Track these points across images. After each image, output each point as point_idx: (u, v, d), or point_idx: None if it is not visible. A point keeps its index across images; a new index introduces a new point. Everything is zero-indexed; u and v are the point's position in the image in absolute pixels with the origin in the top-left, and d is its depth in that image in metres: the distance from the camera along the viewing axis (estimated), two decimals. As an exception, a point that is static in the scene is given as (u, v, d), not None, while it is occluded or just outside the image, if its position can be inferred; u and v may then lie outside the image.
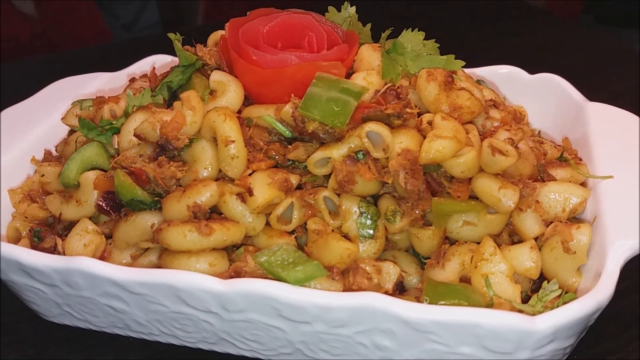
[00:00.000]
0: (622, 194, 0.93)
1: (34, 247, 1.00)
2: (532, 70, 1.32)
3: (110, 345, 1.03)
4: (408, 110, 0.91)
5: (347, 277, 0.86)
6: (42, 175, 1.05)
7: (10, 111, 1.23)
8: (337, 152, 0.89)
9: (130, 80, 1.25)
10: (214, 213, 0.91)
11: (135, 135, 0.93)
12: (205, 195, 0.87)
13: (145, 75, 1.30)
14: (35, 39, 2.97)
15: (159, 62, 1.45)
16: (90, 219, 0.98)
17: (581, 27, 2.26)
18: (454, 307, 0.76)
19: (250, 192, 0.87)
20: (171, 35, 1.06)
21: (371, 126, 0.88)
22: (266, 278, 0.85)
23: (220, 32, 1.11)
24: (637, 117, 1.09)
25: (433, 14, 2.36)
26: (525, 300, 0.88)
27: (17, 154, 1.14)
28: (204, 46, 1.14)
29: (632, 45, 3.43)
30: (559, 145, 1.07)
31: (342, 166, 0.88)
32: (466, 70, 1.33)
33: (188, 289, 0.82)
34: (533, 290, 0.92)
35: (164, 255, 0.89)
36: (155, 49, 1.46)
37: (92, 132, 1.01)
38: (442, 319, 0.75)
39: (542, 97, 1.27)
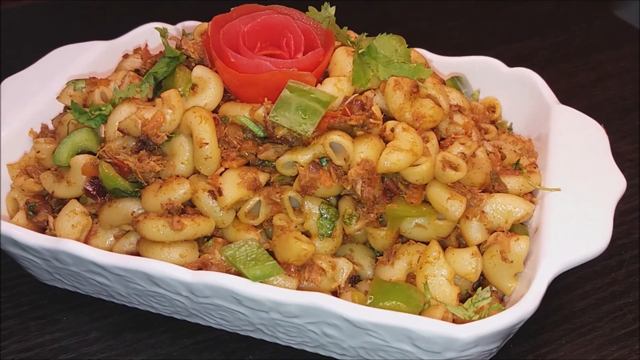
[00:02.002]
0: (566, 208, 1.00)
1: (29, 219, 1.10)
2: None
3: (95, 305, 1.15)
4: (372, 121, 0.98)
5: (303, 272, 0.96)
6: (38, 152, 1.14)
7: (9, 82, 1.30)
8: (302, 157, 0.97)
9: (123, 56, 1.31)
10: (188, 206, 1.00)
11: (119, 129, 1.00)
12: (179, 192, 0.96)
13: (138, 50, 1.36)
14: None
15: (154, 32, 1.49)
16: (78, 198, 1.08)
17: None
18: (390, 311, 0.86)
19: (220, 192, 0.95)
20: (158, 29, 1.12)
21: (334, 137, 0.95)
22: (230, 270, 0.95)
23: (206, 26, 1.16)
24: (600, 127, 1.15)
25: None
26: (464, 298, 0.98)
27: (17, 125, 1.22)
28: (190, 36, 1.20)
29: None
30: (517, 151, 1.13)
31: (305, 172, 0.96)
32: (445, 59, 1.38)
33: (160, 277, 0.92)
34: (475, 287, 1.01)
35: (141, 242, 0.99)
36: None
37: (83, 117, 1.08)
38: (378, 321, 0.85)
39: (516, 91, 1.32)
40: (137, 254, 1.03)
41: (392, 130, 1.01)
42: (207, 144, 0.97)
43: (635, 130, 1.56)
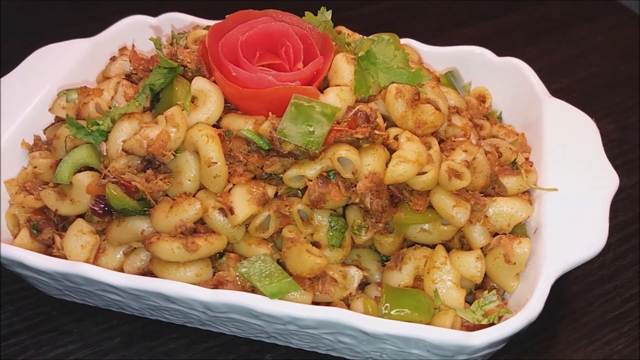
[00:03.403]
0: (563, 207, 1.04)
1: (33, 237, 1.09)
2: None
3: (105, 315, 1.16)
4: (377, 132, 0.99)
5: (316, 283, 0.99)
6: (35, 167, 1.12)
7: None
8: (310, 171, 0.98)
9: (111, 59, 1.28)
10: (199, 223, 1.01)
11: (124, 150, 1.00)
12: (190, 213, 0.97)
13: (124, 50, 1.33)
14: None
15: (137, 26, 1.47)
16: (83, 215, 1.08)
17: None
18: (406, 322, 0.90)
19: (231, 210, 0.96)
20: (152, 39, 1.09)
21: (342, 152, 0.96)
22: (245, 286, 0.98)
23: (200, 33, 1.15)
24: (592, 122, 1.18)
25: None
26: (468, 298, 1.03)
27: (8, 137, 1.20)
28: (182, 39, 1.18)
29: None
30: (513, 148, 1.16)
31: (314, 186, 0.97)
32: (434, 49, 1.39)
33: (178, 297, 0.94)
34: (477, 287, 1.06)
35: (154, 261, 1.00)
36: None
37: (80, 132, 1.07)
38: (393, 332, 0.89)
39: (506, 82, 1.34)
40: (148, 270, 1.04)
41: (396, 138, 1.03)
42: (216, 163, 0.97)
43: (616, 108, 1.61)
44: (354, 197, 0.98)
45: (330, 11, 1.11)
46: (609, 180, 1.08)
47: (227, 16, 1.09)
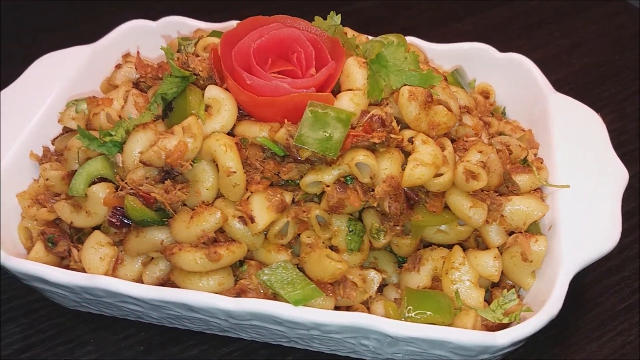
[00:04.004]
0: (576, 204, 1.06)
1: (48, 250, 1.09)
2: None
3: (121, 324, 1.16)
4: (392, 136, 1.00)
5: (337, 288, 1.00)
6: (47, 179, 1.11)
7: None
8: (328, 177, 0.99)
9: (116, 67, 1.27)
10: (217, 231, 1.01)
11: (142, 162, 0.99)
12: (211, 222, 0.97)
13: (127, 56, 1.32)
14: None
15: (137, 30, 1.45)
16: (100, 227, 1.07)
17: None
18: (430, 325, 0.91)
19: (252, 219, 0.97)
20: (163, 48, 1.09)
21: (360, 157, 0.97)
22: (267, 292, 0.98)
23: (210, 40, 1.14)
24: (598, 116, 1.20)
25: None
26: (486, 297, 1.04)
27: (17, 149, 1.18)
28: (189, 46, 1.17)
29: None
30: (522, 145, 1.18)
31: (333, 192, 0.98)
32: (437, 46, 1.40)
33: (203, 307, 0.94)
34: (493, 285, 1.08)
35: (175, 272, 1.00)
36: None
37: (93, 144, 1.06)
38: (418, 335, 0.91)
39: (509, 78, 1.35)
40: (167, 279, 1.05)
41: (410, 140, 1.03)
42: (235, 172, 0.97)
43: (613, 98, 1.63)
44: (372, 202, 0.99)
45: (339, 15, 1.11)
46: (618, 175, 1.10)
47: (237, 23, 1.09)
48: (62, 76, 1.32)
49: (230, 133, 1.05)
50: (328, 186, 0.99)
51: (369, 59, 1.08)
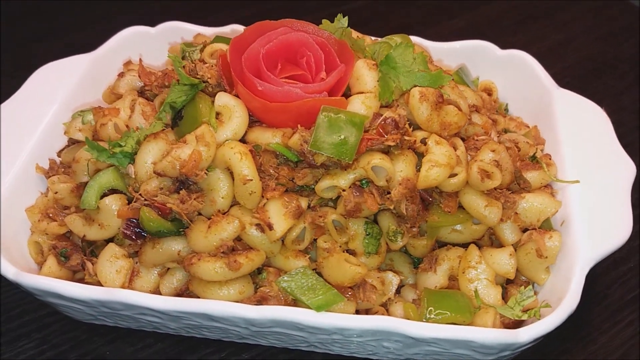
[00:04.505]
0: (586, 199, 1.07)
1: (60, 265, 1.08)
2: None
3: (136, 335, 1.16)
4: (406, 138, 1.00)
5: (357, 292, 1.00)
6: (56, 193, 1.10)
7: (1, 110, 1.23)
8: (344, 181, 0.99)
9: (119, 75, 1.26)
10: (234, 239, 1.01)
11: (156, 172, 0.99)
12: (229, 231, 0.97)
13: (129, 64, 1.31)
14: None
15: (135, 37, 1.44)
16: (113, 239, 1.06)
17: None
18: (452, 326, 0.92)
19: (270, 226, 0.97)
20: (171, 56, 1.08)
21: (376, 161, 0.97)
22: (288, 299, 0.98)
23: (217, 46, 1.13)
24: (602, 111, 1.21)
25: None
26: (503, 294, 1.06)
27: (22, 161, 1.17)
28: (194, 52, 1.17)
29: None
30: (530, 142, 1.19)
31: (350, 196, 0.98)
32: (439, 44, 1.41)
33: (225, 316, 0.94)
34: (507, 282, 1.09)
35: (194, 282, 1.00)
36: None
37: (103, 155, 1.05)
38: (442, 335, 0.91)
39: (511, 74, 1.36)
40: (185, 289, 1.04)
41: (423, 142, 1.04)
42: (251, 180, 0.97)
43: (609, 91, 1.66)
44: (389, 204, 1.00)
45: (346, 18, 1.11)
46: (626, 168, 1.11)
47: (235, 27, 1.08)
48: (62, 86, 1.30)
49: (242, 140, 1.05)
50: (344, 190, 0.99)
51: (378, 61, 1.08)
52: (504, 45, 1.40)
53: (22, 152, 1.18)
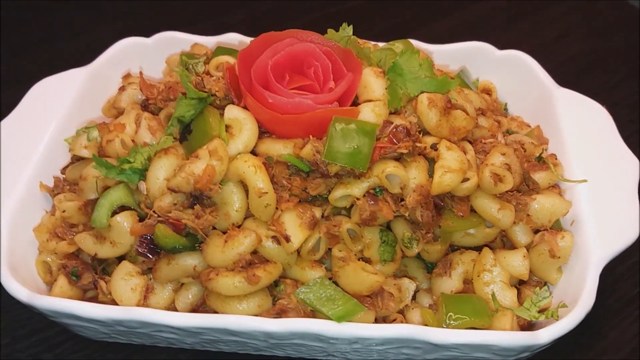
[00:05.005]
0: (595, 197, 1.09)
1: (72, 284, 1.06)
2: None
3: (149, 351, 1.14)
4: (418, 144, 1.01)
5: (375, 300, 1.00)
6: (64, 211, 1.09)
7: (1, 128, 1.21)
8: (358, 190, 0.99)
9: (120, 89, 1.25)
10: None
11: (170, 188, 0.98)
12: (246, 245, 0.96)
13: (128, 77, 1.30)
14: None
15: (131, 49, 1.42)
16: (125, 256, 1.05)
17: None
18: (473, 330, 0.93)
19: (287, 238, 0.96)
20: (177, 71, 1.07)
21: (390, 169, 0.98)
22: (307, 311, 0.98)
23: (222, 59, 1.12)
24: (604, 109, 1.23)
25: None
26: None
27: (26, 180, 1.15)
28: (198, 64, 1.16)
29: None
30: (534, 142, 1.20)
31: (365, 205, 0.98)
32: (436, 47, 1.41)
33: (245, 331, 0.94)
34: (520, 283, 1.10)
35: (212, 297, 0.99)
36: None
37: (112, 172, 1.04)
38: (464, 341, 0.92)
39: (510, 74, 1.37)
40: (201, 304, 1.04)
41: (433, 147, 1.04)
42: (267, 192, 0.96)
43: (602, 87, 1.68)
44: (404, 211, 1.00)
45: (351, 26, 1.11)
46: (631, 165, 1.13)
47: (250, 41, 1.08)
48: (61, 102, 1.28)
49: (252, 152, 1.04)
50: (358, 199, 0.99)
51: (385, 68, 1.08)
52: (496, 44, 1.41)
53: (25, 171, 1.16)
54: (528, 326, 1.05)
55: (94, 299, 1.07)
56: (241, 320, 0.93)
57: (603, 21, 1.88)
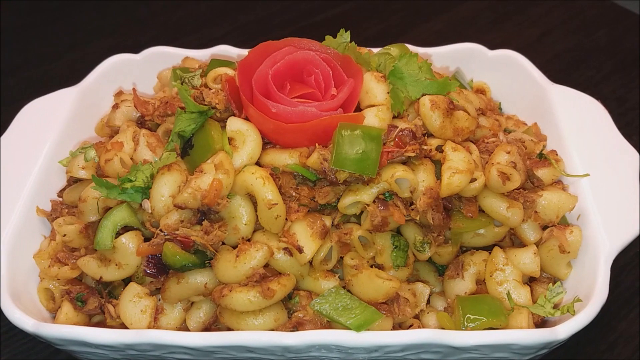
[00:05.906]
0: (598, 191, 1.09)
1: (77, 310, 1.03)
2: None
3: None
4: (424, 147, 1.00)
5: (391, 306, 0.99)
6: (64, 235, 1.06)
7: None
8: (367, 196, 0.98)
9: (113, 107, 1.22)
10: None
11: (177, 205, 0.96)
12: (258, 259, 0.95)
13: (120, 94, 1.27)
14: None
15: (120, 65, 1.40)
16: (132, 278, 1.03)
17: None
18: (494, 331, 0.92)
19: (299, 249, 0.95)
20: (177, 85, 1.05)
21: (399, 173, 0.97)
22: (323, 322, 0.97)
23: (221, 70, 1.11)
24: (599, 104, 1.24)
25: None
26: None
27: (22, 205, 1.12)
28: (194, 77, 1.14)
29: None
30: (534, 139, 1.21)
31: (376, 211, 0.97)
32: (429, 50, 1.42)
33: (264, 346, 0.92)
34: (530, 279, 1.10)
35: (225, 314, 0.97)
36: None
37: (113, 192, 1.01)
38: (485, 342, 0.91)
39: (503, 74, 1.38)
40: (213, 322, 1.01)
41: (438, 149, 1.04)
42: (276, 204, 0.95)
43: (589, 82, 1.70)
44: (415, 215, 0.99)
45: (348, 32, 1.11)
46: (631, 158, 1.14)
47: (249, 51, 1.07)
48: (52, 123, 1.25)
49: (257, 164, 1.03)
50: (368, 205, 0.98)
51: (386, 73, 1.08)
52: (483, 44, 1.42)
53: (21, 196, 1.13)
54: (541, 323, 1.05)
55: (101, 324, 1.05)
56: (258, 335, 0.91)
57: (584, 18, 1.91)
